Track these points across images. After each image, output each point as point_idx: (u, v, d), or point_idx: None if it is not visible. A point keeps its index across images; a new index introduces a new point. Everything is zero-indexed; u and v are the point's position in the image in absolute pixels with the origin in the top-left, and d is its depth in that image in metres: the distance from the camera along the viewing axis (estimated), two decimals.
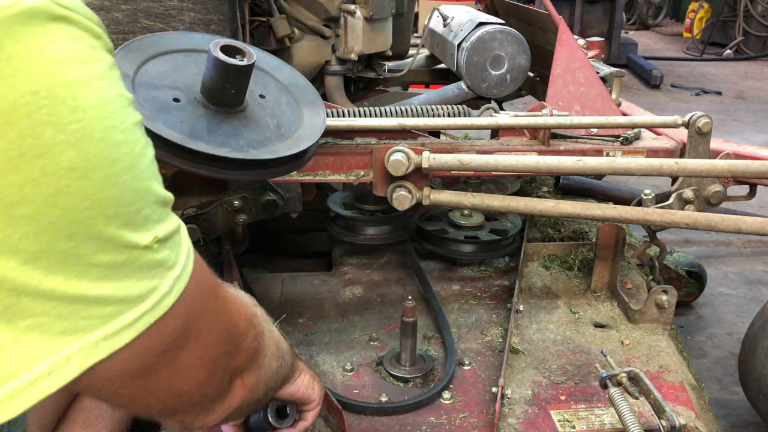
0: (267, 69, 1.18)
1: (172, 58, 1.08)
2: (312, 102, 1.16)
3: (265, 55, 1.22)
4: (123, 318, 0.51)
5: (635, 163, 1.38)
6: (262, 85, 1.14)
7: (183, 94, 1.02)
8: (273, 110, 1.11)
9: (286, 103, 1.14)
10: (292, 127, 1.09)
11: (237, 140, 1.02)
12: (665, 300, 1.50)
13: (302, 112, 1.14)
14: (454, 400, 1.27)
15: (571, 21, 5.83)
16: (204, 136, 0.99)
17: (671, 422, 1.03)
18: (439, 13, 2.07)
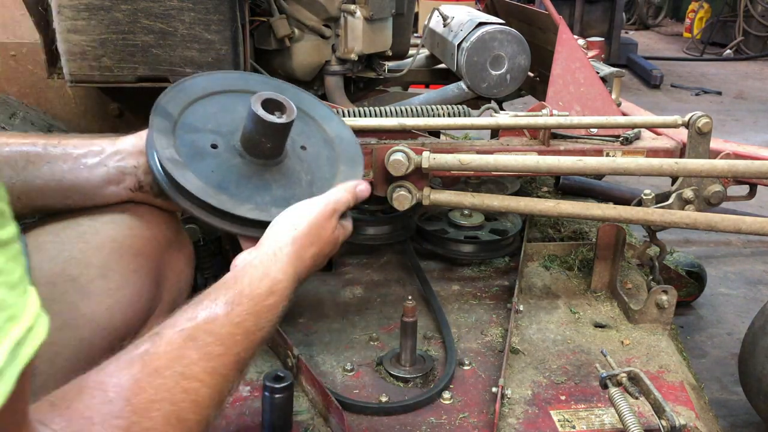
0: (316, 118, 1.14)
1: (221, 100, 1.06)
2: (352, 159, 1.11)
3: (316, 103, 1.17)
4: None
5: (635, 163, 1.38)
6: (306, 135, 1.10)
7: (222, 140, 1.00)
8: (310, 164, 1.07)
9: (327, 157, 1.10)
10: (324, 186, 1.04)
11: (263, 196, 0.98)
12: (665, 300, 1.50)
13: (339, 170, 1.09)
14: (454, 400, 1.27)
15: (571, 21, 5.82)
16: (231, 189, 0.96)
17: (671, 422, 1.03)
18: (439, 13, 2.07)
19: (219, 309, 0.73)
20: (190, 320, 0.70)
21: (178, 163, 0.93)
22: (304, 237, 0.86)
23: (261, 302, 0.77)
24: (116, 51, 1.26)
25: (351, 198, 0.96)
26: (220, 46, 1.27)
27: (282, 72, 1.72)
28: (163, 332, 0.69)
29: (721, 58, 7.15)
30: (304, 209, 0.90)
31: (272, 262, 0.81)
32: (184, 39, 1.26)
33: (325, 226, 0.90)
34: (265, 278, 0.79)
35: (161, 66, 1.28)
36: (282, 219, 0.89)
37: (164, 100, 1.00)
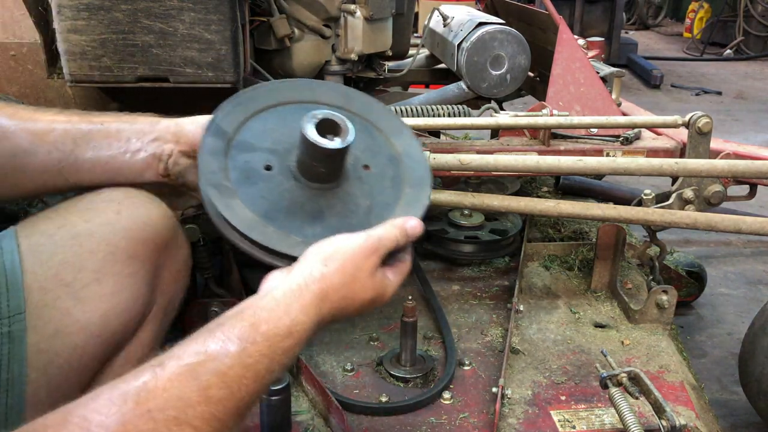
0: (384, 131, 1.03)
1: (284, 112, 0.96)
2: (419, 182, 0.99)
3: (386, 114, 1.05)
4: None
5: (635, 163, 1.38)
6: (372, 151, 0.99)
7: (278, 160, 0.92)
8: (372, 188, 0.96)
9: (391, 178, 0.98)
10: (383, 214, 0.93)
11: (314, 227, 0.89)
12: (665, 300, 1.50)
13: (403, 193, 0.97)
14: (454, 400, 1.27)
15: (571, 21, 5.82)
16: (280, 218, 0.88)
17: (671, 422, 1.03)
18: (439, 13, 2.07)
19: (231, 345, 0.65)
20: (197, 354, 0.63)
21: (225, 190, 0.87)
22: (333, 276, 0.76)
23: (277, 344, 0.68)
24: (116, 51, 1.26)
25: (400, 236, 0.84)
26: (220, 46, 1.27)
27: (282, 72, 1.72)
28: (167, 364, 0.62)
29: (721, 58, 7.15)
30: (341, 244, 0.80)
31: (296, 298, 0.73)
32: (184, 39, 1.26)
33: (362, 266, 0.79)
34: (285, 317, 0.70)
35: (161, 66, 1.28)
36: (316, 250, 0.80)
37: (220, 116, 0.93)
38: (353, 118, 0.96)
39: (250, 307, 0.71)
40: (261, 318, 0.69)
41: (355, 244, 0.80)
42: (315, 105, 0.98)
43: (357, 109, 1.00)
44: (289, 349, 0.70)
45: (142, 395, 0.59)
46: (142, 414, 0.57)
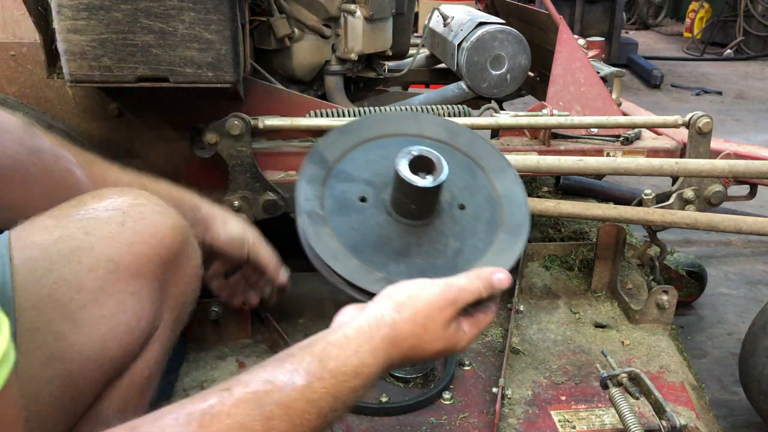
0: (487, 169, 0.99)
1: (387, 144, 0.95)
2: (516, 229, 0.96)
3: (491, 152, 1.01)
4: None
5: (636, 163, 1.38)
6: (470, 190, 0.96)
7: (373, 193, 0.91)
8: (464, 229, 0.93)
9: (486, 221, 0.95)
10: (471, 259, 0.91)
11: (399, 264, 0.88)
12: (666, 300, 1.49)
13: (497, 239, 0.94)
14: (455, 401, 1.27)
15: (571, 21, 5.82)
16: (366, 252, 0.88)
17: (672, 422, 1.03)
18: (439, 13, 2.07)
19: (298, 379, 0.65)
20: (265, 383, 0.63)
21: (318, 218, 0.87)
22: (404, 324, 0.74)
23: (344, 383, 0.68)
24: (116, 51, 1.26)
25: (483, 288, 0.80)
26: (220, 46, 1.27)
27: (282, 72, 1.72)
28: (234, 389, 0.62)
29: (721, 58, 7.15)
30: (417, 292, 0.77)
31: (366, 339, 0.71)
32: (184, 39, 1.26)
33: (435, 318, 0.76)
34: (354, 356, 0.69)
35: (161, 66, 1.28)
36: (392, 292, 0.78)
37: (323, 145, 0.93)
38: (455, 155, 0.95)
39: (320, 341, 0.70)
40: (330, 354, 0.68)
41: (431, 294, 0.77)
42: (419, 138, 0.96)
43: (462, 145, 0.97)
44: (355, 389, 0.69)
45: (207, 419, 0.59)
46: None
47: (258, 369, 0.66)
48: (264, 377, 0.64)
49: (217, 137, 1.39)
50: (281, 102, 1.53)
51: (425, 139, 0.96)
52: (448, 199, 0.93)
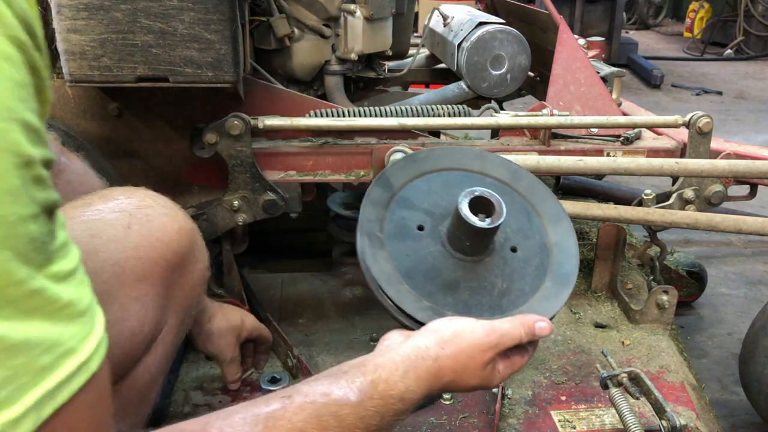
0: (543, 216, 1.01)
1: (450, 177, 0.99)
2: (563, 279, 0.97)
3: (549, 199, 1.03)
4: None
5: (636, 163, 1.38)
6: (524, 234, 0.98)
7: (431, 223, 0.95)
8: (513, 271, 0.96)
9: (535, 266, 0.97)
10: (516, 302, 0.94)
11: (446, 296, 0.92)
12: (666, 300, 1.49)
13: (543, 286, 0.96)
14: (455, 401, 1.27)
15: (571, 21, 5.82)
16: (417, 279, 0.91)
17: (672, 422, 1.03)
18: (439, 13, 2.07)
19: (352, 395, 0.69)
20: (323, 395, 0.68)
21: (376, 240, 0.91)
22: (446, 360, 0.78)
23: (390, 405, 0.72)
24: (116, 51, 1.25)
25: (525, 335, 0.84)
26: (220, 46, 1.27)
27: (282, 72, 1.72)
28: (295, 397, 0.67)
29: (721, 58, 7.14)
30: (462, 332, 0.81)
31: (412, 368, 0.76)
32: (184, 39, 1.26)
33: (476, 358, 0.80)
34: (400, 382, 0.74)
35: (161, 66, 1.27)
36: (438, 327, 0.82)
37: (391, 170, 0.97)
38: (514, 197, 0.98)
39: (371, 363, 0.74)
40: (381, 377, 0.72)
41: (475, 335, 0.80)
42: (482, 176, 0.99)
43: (522, 188, 1.00)
44: (399, 412, 0.73)
45: (270, 422, 0.63)
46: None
47: (315, 382, 0.70)
48: (322, 390, 0.68)
49: (217, 137, 1.39)
50: (281, 102, 1.53)
51: (488, 177, 0.99)
52: (502, 239, 0.96)
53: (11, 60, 0.37)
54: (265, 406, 0.65)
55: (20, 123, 0.37)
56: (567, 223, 1.02)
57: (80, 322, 0.43)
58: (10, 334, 0.37)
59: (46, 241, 0.40)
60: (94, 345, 0.44)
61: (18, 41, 0.38)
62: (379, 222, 0.93)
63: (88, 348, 0.44)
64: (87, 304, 0.45)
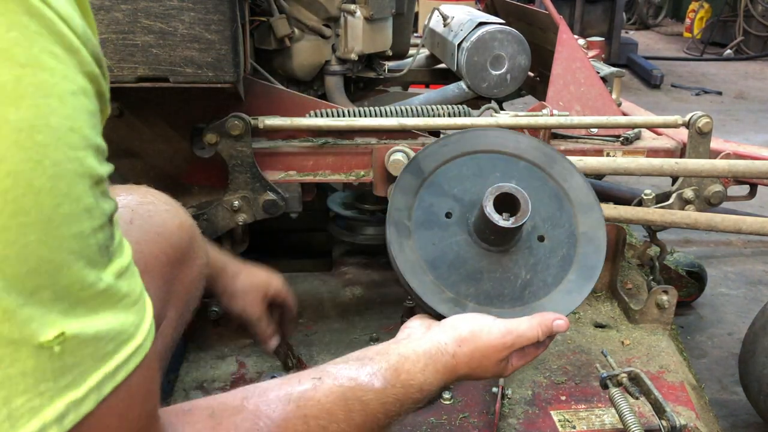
0: (575, 204, 0.99)
1: (482, 161, 0.97)
2: (587, 272, 0.97)
3: (583, 186, 0.99)
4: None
5: (635, 163, 1.38)
6: (553, 223, 0.97)
7: (459, 210, 0.94)
8: (538, 262, 0.95)
9: (561, 258, 0.96)
10: (539, 294, 0.94)
11: (469, 286, 0.92)
12: (665, 300, 1.49)
13: (566, 279, 0.96)
14: (455, 401, 1.27)
15: (571, 21, 5.82)
16: (442, 268, 0.92)
17: (672, 422, 1.03)
18: (439, 13, 2.07)
19: (377, 382, 0.73)
20: (351, 380, 0.72)
21: (403, 229, 0.92)
22: (462, 358, 0.82)
23: (410, 394, 0.76)
24: (116, 51, 1.26)
25: (541, 334, 0.87)
26: (220, 46, 1.27)
27: (282, 72, 1.72)
28: (325, 380, 0.71)
29: (721, 58, 7.15)
30: (479, 333, 0.84)
31: (432, 362, 0.80)
32: (184, 39, 1.26)
33: (491, 357, 0.84)
34: (420, 374, 0.78)
35: (161, 66, 1.28)
36: (456, 324, 0.85)
37: (422, 155, 0.96)
38: (547, 182, 0.97)
39: (395, 353, 0.79)
40: (403, 368, 0.77)
41: (491, 337, 0.84)
42: (516, 159, 0.97)
43: (556, 173, 0.98)
44: (417, 401, 0.77)
45: (302, 402, 0.67)
46: (299, 417, 0.66)
47: (344, 365, 0.75)
48: (350, 375, 0.73)
49: (217, 137, 1.39)
50: (281, 102, 1.53)
51: (522, 161, 0.98)
52: (529, 228, 0.95)
53: (87, 93, 0.41)
54: (298, 385, 0.69)
55: (93, 148, 0.42)
56: (598, 213, 1.00)
57: (135, 311, 0.47)
58: (84, 330, 0.42)
59: (108, 244, 0.45)
60: (147, 328, 0.49)
61: (92, 75, 0.42)
62: (408, 210, 0.93)
63: (142, 332, 0.48)
64: (139, 292, 0.49)
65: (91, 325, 0.42)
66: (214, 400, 0.65)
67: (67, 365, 0.40)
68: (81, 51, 0.41)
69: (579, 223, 0.98)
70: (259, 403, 0.65)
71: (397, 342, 0.82)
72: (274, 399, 0.66)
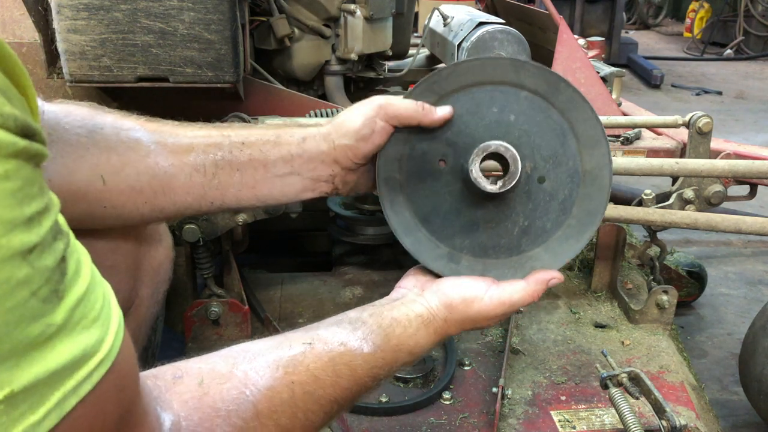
0: (580, 138, 0.90)
1: (479, 95, 0.88)
2: (589, 216, 0.89)
3: (590, 118, 0.90)
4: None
5: (636, 162, 1.38)
6: (555, 162, 0.88)
7: (453, 156, 0.87)
8: (536, 208, 0.89)
9: (561, 201, 0.89)
10: (537, 241, 0.89)
11: (464, 239, 0.88)
12: (666, 300, 1.49)
13: (566, 224, 0.89)
14: (455, 401, 1.27)
15: (571, 21, 5.82)
16: (435, 222, 0.88)
17: (672, 422, 1.03)
18: (439, 13, 2.07)
19: (366, 347, 0.74)
20: (341, 344, 0.73)
21: (394, 184, 0.88)
22: (454, 323, 0.83)
23: (399, 359, 0.78)
24: (116, 51, 1.26)
25: (536, 294, 0.85)
26: (220, 46, 1.27)
27: (282, 72, 1.72)
28: (315, 345, 0.71)
29: (721, 58, 7.15)
30: (471, 298, 0.83)
31: (423, 326, 0.81)
32: (184, 39, 1.26)
33: (480, 323, 0.85)
34: (411, 339, 0.79)
35: (161, 66, 1.28)
36: (447, 291, 0.84)
37: (416, 92, 0.88)
38: (551, 114, 0.88)
39: (388, 316, 0.79)
40: (395, 332, 0.78)
41: (483, 306, 0.83)
42: (516, 89, 0.88)
43: (560, 103, 0.88)
44: (406, 364, 0.79)
45: (290, 368, 0.68)
46: (286, 384, 0.67)
47: (336, 327, 0.75)
48: (341, 339, 0.73)
49: None
50: (281, 102, 1.53)
51: (523, 90, 0.88)
52: (529, 170, 0.88)
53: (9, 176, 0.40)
54: (289, 349, 0.70)
55: (21, 224, 0.41)
56: (605, 148, 0.91)
57: (97, 326, 0.46)
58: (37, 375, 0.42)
59: (57, 288, 0.44)
60: (113, 337, 0.48)
61: (16, 152, 0.41)
62: (399, 161, 0.88)
63: (107, 343, 0.47)
64: (100, 306, 0.47)
65: (45, 365, 0.42)
66: (205, 364, 0.65)
67: (18, 402, 0.41)
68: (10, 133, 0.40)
69: (584, 159, 0.90)
70: (248, 370, 0.66)
71: (391, 304, 0.82)
72: (263, 365, 0.67)
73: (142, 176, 0.84)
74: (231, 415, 0.62)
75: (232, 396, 0.63)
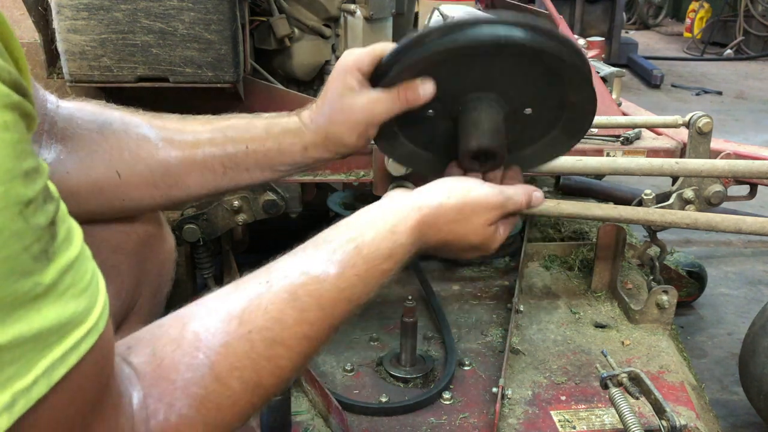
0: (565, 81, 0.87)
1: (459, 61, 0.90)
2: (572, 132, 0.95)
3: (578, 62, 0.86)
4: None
5: (636, 163, 1.38)
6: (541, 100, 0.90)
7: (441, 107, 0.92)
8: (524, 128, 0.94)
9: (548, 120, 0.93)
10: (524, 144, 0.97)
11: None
12: (666, 300, 1.49)
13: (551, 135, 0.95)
14: (455, 401, 1.27)
15: (571, 21, 5.82)
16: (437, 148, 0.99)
17: (672, 422, 1.03)
18: (439, 13, 2.07)
19: (332, 268, 0.66)
20: (302, 274, 0.65)
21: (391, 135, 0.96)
22: (451, 208, 0.76)
23: (376, 266, 0.69)
24: (116, 51, 1.26)
25: (525, 204, 0.84)
26: (220, 46, 1.27)
27: (282, 72, 1.72)
28: (273, 282, 0.64)
29: (721, 58, 7.15)
30: (473, 186, 0.79)
31: (403, 219, 0.72)
32: (184, 39, 1.26)
33: (481, 214, 0.78)
34: (387, 239, 0.70)
35: (161, 66, 1.28)
36: (448, 182, 0.80)
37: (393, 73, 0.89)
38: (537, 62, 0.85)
39: (358, 222, 0.72)
40: (365, 240, 0.69)
41: (484, 192, 0.79)
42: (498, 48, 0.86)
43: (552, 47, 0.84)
44: (387, 271, 0.70)
45: (245, 315, 0.61)
46: (242, 335, 0.60)
47: (302, 253, 0.69)
48: (301, 268, 0.66)
49: None
50: (281, 102, 1.53)
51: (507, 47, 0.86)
52: (517, 104, 0.90)
53: (8, 126, 0.41)
54: (243, 295, 0.63)
55: (20, 176, 0.42)
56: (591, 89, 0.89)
57: (86, 296, 0.47)
58: (22, 332, 0.42)
59: (48, 248, 0.44)
60: (99, 310, 0.49)
61: (12, 105, 0.42)
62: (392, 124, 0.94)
63: (95, 314, 0.48)
64: (89, 278, 0.48)
65: (30, 324, 0.42)
66: (158, 329, 0.60)
67: (5, 362, 0.41)
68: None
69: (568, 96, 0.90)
70: (199, 330, 0.60)
71: (366, 208, 0.75)
72: (216, 320, 0.60)
73: (155, 172, 0.87)
74: (188, 385, 0.57)
75: (185, 363, 0.58)
